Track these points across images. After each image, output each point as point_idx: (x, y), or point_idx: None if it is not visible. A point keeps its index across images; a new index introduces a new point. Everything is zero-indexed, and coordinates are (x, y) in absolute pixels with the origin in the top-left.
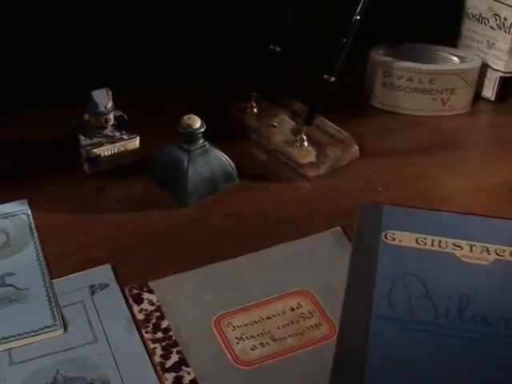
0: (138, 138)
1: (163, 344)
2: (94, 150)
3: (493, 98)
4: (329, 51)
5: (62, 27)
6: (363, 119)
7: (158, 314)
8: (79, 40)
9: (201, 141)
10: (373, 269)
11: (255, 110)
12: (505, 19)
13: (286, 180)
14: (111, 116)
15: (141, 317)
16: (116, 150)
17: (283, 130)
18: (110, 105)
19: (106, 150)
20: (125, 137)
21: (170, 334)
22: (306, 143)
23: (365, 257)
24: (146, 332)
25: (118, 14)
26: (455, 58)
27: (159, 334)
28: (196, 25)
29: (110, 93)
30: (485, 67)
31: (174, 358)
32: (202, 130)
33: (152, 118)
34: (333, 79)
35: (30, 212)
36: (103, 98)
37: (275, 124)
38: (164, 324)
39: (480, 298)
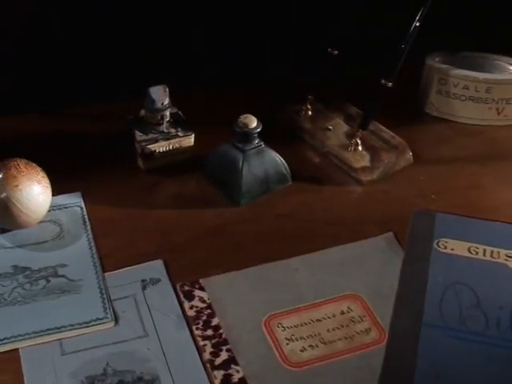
0: (193, 135)
1: (213, 341)
2: (149, 146)
3: None
4: (386, 56)
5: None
6: (417, 126)
7: (209, 311)
8: (139, 38)
9: (256, 141)
10: (424, 276)
11: (310, 113)
12: None
13: (339, 183)
14: (167, 113)
15: (191, 313)
16: (171, 147)
17: (337, 134)
18: (166, 101)
19: (160, 147)
20: (180, 134)
21: (220, 331)
22: (360, 147)
23: (416, 264)
24: (197, 329)
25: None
26: None
27: (209, 332)
28: (262, 26)
29: (167, 90)
30: None
31: (224, 355)
32: (258, 130)
33: (208, 117)
34: (390, 84)
35: (83, 204)
36: (160, 95)
37: (329, 127)
38: (214, 322)
39: None
